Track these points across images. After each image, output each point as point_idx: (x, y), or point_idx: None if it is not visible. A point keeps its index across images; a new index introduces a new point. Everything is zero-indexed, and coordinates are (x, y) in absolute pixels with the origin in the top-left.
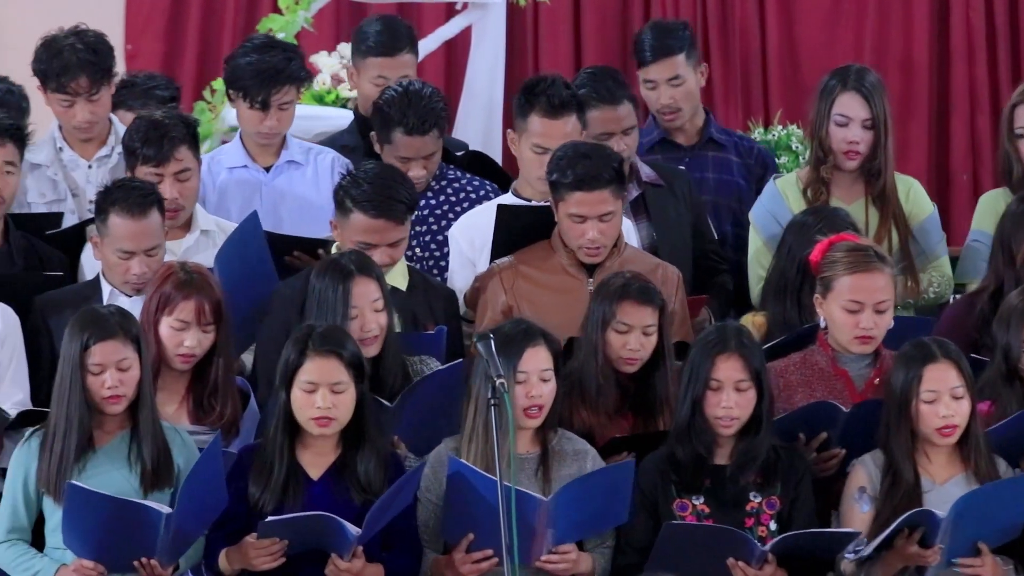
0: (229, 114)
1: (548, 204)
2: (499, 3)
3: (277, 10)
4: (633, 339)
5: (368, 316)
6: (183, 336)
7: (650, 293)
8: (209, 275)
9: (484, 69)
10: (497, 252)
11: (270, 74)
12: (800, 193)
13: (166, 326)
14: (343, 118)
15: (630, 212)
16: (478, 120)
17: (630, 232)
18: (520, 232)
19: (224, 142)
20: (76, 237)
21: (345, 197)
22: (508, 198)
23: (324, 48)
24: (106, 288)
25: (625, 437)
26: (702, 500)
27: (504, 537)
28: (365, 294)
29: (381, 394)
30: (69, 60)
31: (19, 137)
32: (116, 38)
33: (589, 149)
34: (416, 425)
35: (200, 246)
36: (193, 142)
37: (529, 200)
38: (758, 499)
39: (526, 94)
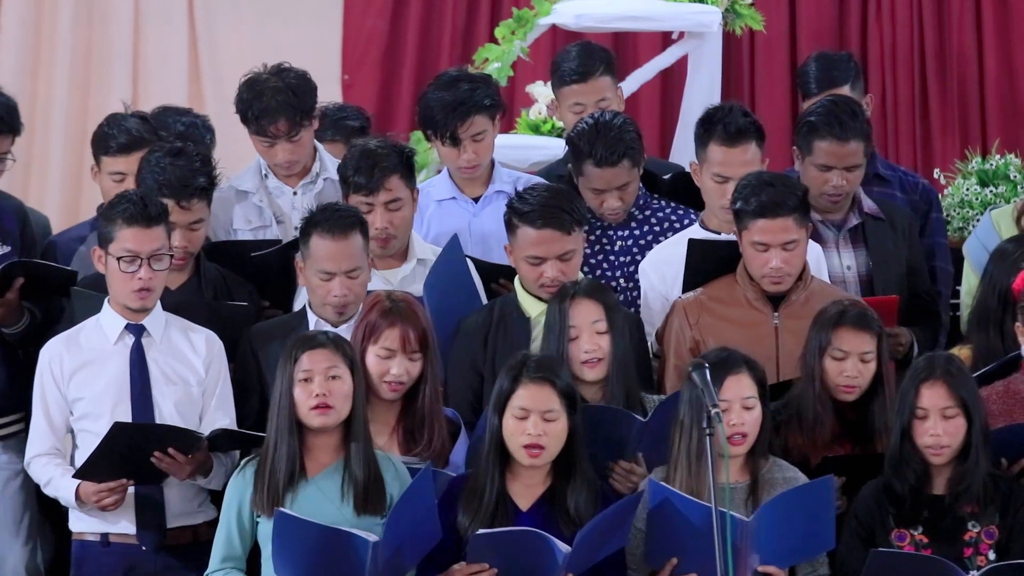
0: None
1: None
2: (715, 32)
3: (494, 40)
4: (850, 366)
5: (587, 337)
6: (389, 364)
7: (867, 319)
8: (415, 303)
9: (700, 98)
10: (688, 286)
11: (453, 107)
12: (1013, 222)
13: (372, 355)
14: (559, 147)
15: (848, 240)
16: (692, 148)
17: (820, 259)
18: (712, 266)
19: (439, 171)
20: (280, 259)
21: (511, 215)
22: (696, 229)
23: (541, 78)
24: (312, 318)
25: (838, 456)
26: (920, 530)
27: (719, 567)
28: (585, 314)
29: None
30: (268, 103)
31: (210, 194)
32: (333, 68)
33: (772, 178)
34: (654, 449)
35: (416, 275)
36: (407, 172)
37: (717, 231)
38: (976, 528)
39: (704, 124)
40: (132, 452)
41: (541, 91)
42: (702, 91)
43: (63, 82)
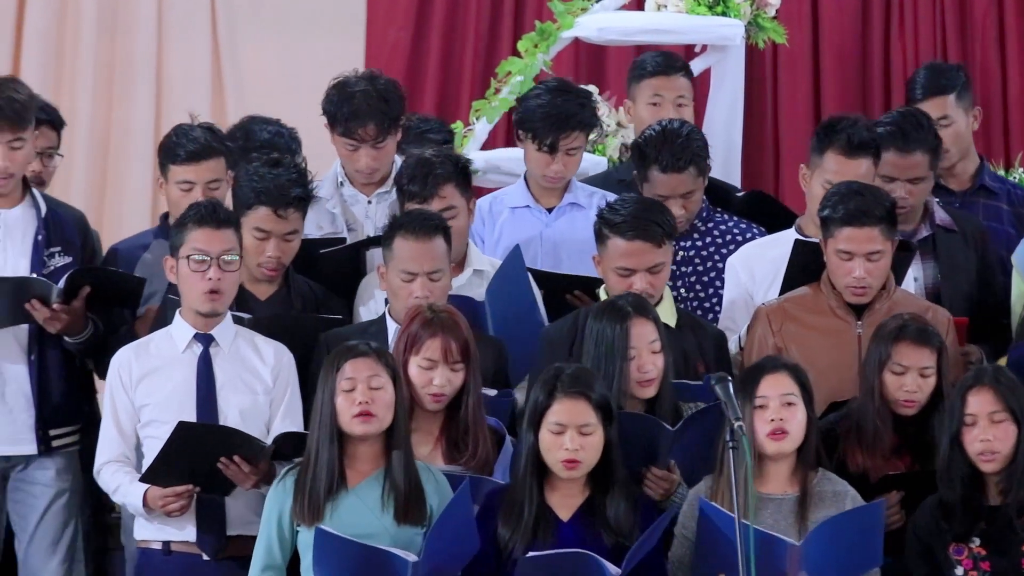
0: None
1: None
2: (738, 45)
3: (516, 53)
4: (910, 380)
5: (646, 357)
6: (431, 375)
7: (927, 335)
8: (457, 314)
9: (723, 110)
10: (788, 287)
11: (560, 118)
12: None
13: (414, 366)
14: (587, 161)
15: (916, 251)
16: (716, 161)
17: (910, 275)
18: (815, 269)
19: None
20: (350, 259)
21: (602, 225)
22: (791, 235)
23: None
24: (391, 324)
25: (898, 474)
26: (978, 543)
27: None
28: (643, 335)
29: None
30: (359, 106)
31: (306, 207)
32: None
33: (862, 187)
34: (689, 458)
35: (472, 285)
36: (462, 181)
37: (811, 237)
38: None
39: (826, 130)
40: (197, 456)
41: None
42: (725, 104)
43: (86, 94)
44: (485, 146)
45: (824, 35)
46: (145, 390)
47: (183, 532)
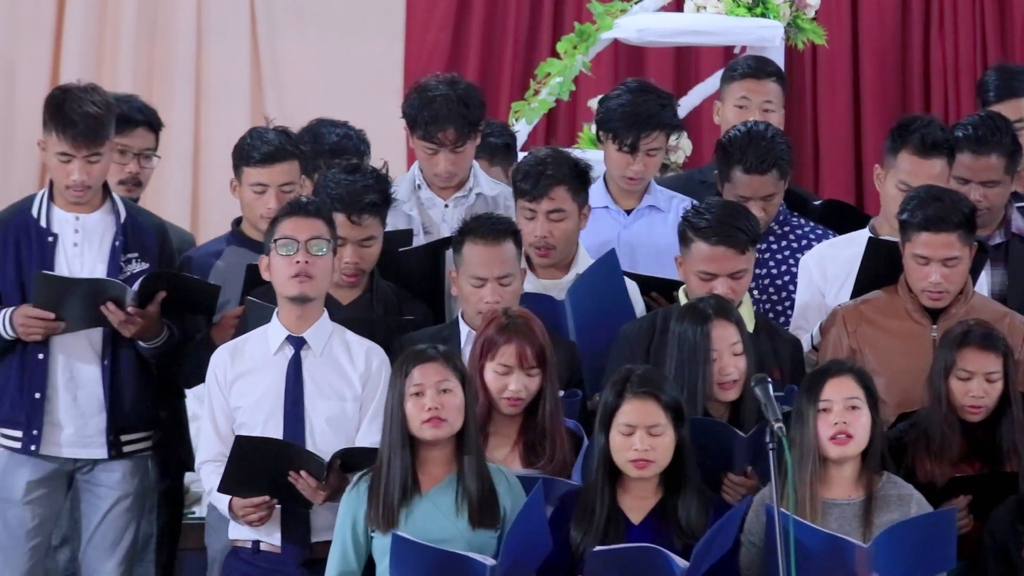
0: None
1: None
2: (777, 47)
3: (556, 54)
4: (975, 386)
5: (727, 359)
6: (507, 380)
7: (992, 339)
8: (533, 319)
9: None
10: (861, 285)
11: (641, 118)
12: None
13: (490, 371)
14: None
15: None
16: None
17: (980, 280)
18: (888, 268)
19: None
20: (428, 257)
21: (687, 228)
22: (864, 235)
23: (603, 92)
24: (464, 329)
25: (965, 477)
26: None
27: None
28: (724, 337)
29: None
30: (440, 110)
31: (383, 212)
32: (395, 82)
33: (941, 192)
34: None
35: None
36: (576, 185)
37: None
38: None
39: (900, 131)
40: (264, 469)
41: None
42: None
43: None
44: (524, 148)
45: (863, 36)
46: (238, 392)
47: (272, 536)
